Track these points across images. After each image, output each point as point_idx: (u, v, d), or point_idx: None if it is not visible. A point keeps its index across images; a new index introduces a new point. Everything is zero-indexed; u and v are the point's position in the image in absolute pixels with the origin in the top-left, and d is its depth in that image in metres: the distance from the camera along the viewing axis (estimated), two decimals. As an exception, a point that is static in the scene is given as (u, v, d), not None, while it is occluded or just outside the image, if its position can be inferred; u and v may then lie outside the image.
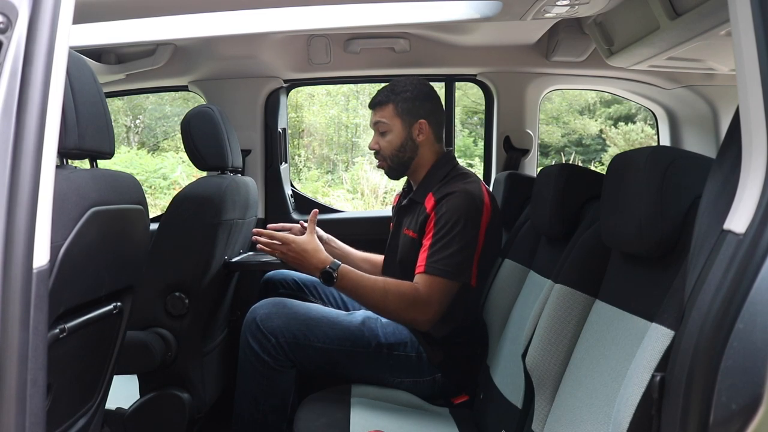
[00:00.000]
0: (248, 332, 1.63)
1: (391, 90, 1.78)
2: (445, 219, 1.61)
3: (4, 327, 0.61)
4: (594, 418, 0.94)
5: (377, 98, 1.80)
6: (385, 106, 1.78)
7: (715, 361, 0.58)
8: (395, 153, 1.79)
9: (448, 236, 1.59)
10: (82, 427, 1.10)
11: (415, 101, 1.76)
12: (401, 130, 1.77)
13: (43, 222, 0.65)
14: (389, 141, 1.78)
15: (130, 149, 8.64)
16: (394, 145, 1.78)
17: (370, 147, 1.84)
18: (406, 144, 1.77)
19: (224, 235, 1.72)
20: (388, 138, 1.78)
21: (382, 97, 1.79)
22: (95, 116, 1.03)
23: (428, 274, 1.58)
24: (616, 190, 1.01)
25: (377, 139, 1.81)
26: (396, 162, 1.80)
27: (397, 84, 1.79)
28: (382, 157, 1.81)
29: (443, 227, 1.61)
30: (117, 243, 1.09)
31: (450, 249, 1.58)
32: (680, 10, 1.45)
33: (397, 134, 1.77)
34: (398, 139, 1.77)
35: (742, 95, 0.64)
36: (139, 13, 1.60)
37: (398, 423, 1.49)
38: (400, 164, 1.80)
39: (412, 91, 1.77)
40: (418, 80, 1.81)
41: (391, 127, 1.77)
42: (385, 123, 1.77)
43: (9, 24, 0.62)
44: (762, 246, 0.58)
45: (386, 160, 1.81)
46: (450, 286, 1.59)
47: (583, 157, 9.30)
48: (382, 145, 1.80)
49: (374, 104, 1.81)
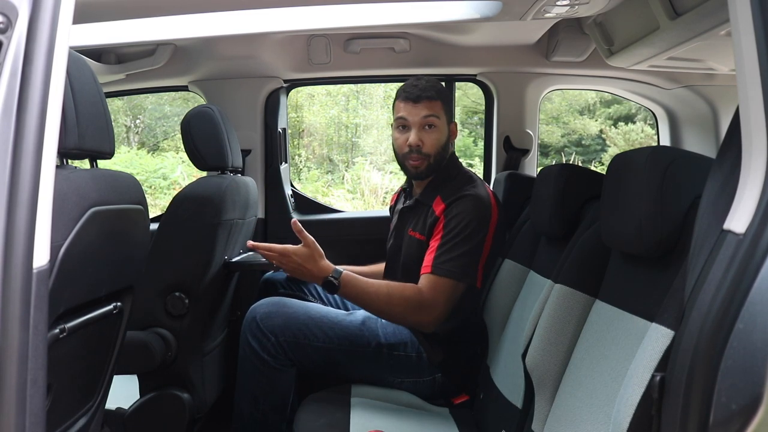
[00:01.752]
0: (248, 331, 1.63)
1: (436, 88, 1.72)
2: (455, 222, 1.61)
3: (4, 327, 0.61)
4: (594, 418, 0.94)
5: (427, 92, 1.70)
6: (434, 102, 1.70)
7: (715, 361, 0.58)
8: (440, 151, 1.72)
9: (456, 238, 1.59)
10: (82, 427, 1.10)
11: (451, 103, 1.79)
12: (446, 129, 1.74)
13: (43, 222, 0.65)
14: (437, 138, 1.71)
15: (130, 149, 8.64)
16: (441, 143, 1.72)
17: (412, 143, 1.70)
18: (446, 143, 1.75)
19: (224, 235, 1.72)
20: (435, 135, 1.71)
21: (433, 93, 1.70)
22: (95, 116, 1.03)
23: (434, 274, 1.58)
24: (616, 190, 1.01)
25: (421, 134, 1.70)
26: (438, 160, 1.73)
27: (436, 83, 1.73)
28: (425, 154, 1.71)
29: (452, 230, 1.60)
30: (117, 243, 1.09)
31: (457, 251, 1.58)
32: (680, 10, 1.45)
33: (443, 132, 1.72)
34: (444, 138, 1.73)
35: (742, 95, 0.64)
36: (139, 13, 1.60)
37: (398, 423, 1.49)
38: (439, 163, 1.74)
39: (448, 93, 1.76)
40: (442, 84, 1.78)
41: (440, 124, 1.71)
42: (437, 117, 1.70)
43: (9, 24, 0.62)
44: (762, 246, 0.58)
45: (429, 158, 1.71)
46: (455, 287, 1.59)
47: (583, 157, 9.30)
48: (427, 141, 1.70)
49: (423, 97, 1.69)
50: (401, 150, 1.74)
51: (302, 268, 1.58)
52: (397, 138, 1.75)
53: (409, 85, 1.73)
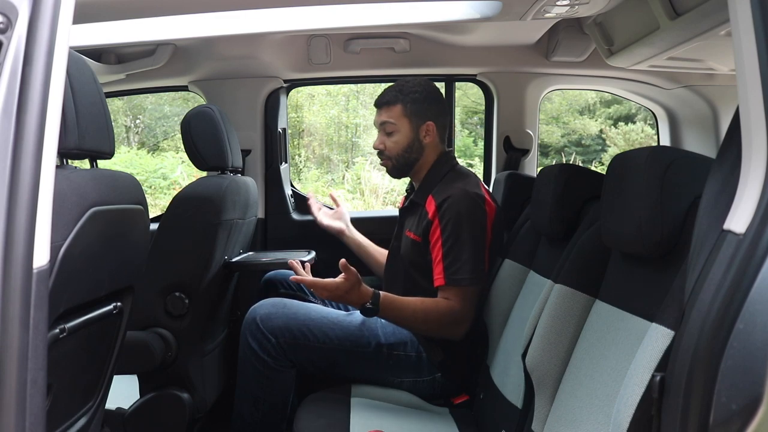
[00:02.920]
0: (248, 332, 1.63)
1: (400, 90, 1.76)
2: (451, 226, 1.61)
3: (4, 327, 0.61)
4: (594, 418, 0.94)
5: (385, 98, 1.78)
6: (393, 107, 1.76)
7: (715, 361, 0.57)
8: (401, 153, 1.77)
9: (457, 243, 1.59)
10: (82, 427, 1.10)
11: (423, 103, 1.75)
12: (409, 131, 1.76)
13: (43, 222, 0.65)
14: (396, 141, 1.77)
15: (130, 149, 8.64)
16: (401, 146, 1.77)
17: (375, 146, 1.82)
18: (412, 145, 1.77)
19: (224, 235, 1.72)
20: (394, 138, 1.77)
21: (390, 97, 1.76)
22: (95, 116, 1.03)
23: (453, 285, 1.59)
24: (616, 190, 1.01)
25: (383, 138, 1.79)
26: (401, 162, 1.79)
27: (405, 84, 1.77)
28: (387, 156, 1.80)
29: (450, 235, 1.60)
30: (117, 243, 1.09)
31: (463, 256, 1.59)
32: (680, 10, 1.45)
33: (404, 135, 1.76)
34: (405, 140, 1.76)
35: (742, 95, 0.64)
36: (139, 13, 1.60)
37: (398, 423, 1.49)
38: (405, 164, 1.79)
39: (420, 92, 1.76)
40: (426, 81, 1.80)
41: (398, 128, 1.76)
42: (393, 123, 1.76)
43: (9, 24, 0.62)
44: (762, 246, 0.58)
45: (391, 159, 1.80)
46: (474, 291, 1.62)
47: (583, 157, 9.30)
48: (387, 145, 1.78)
49: (381, 103, 1.79)
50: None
51: (344, 298, 1.56)
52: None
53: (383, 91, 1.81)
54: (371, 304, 1.55)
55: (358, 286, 1.53)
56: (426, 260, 1.68)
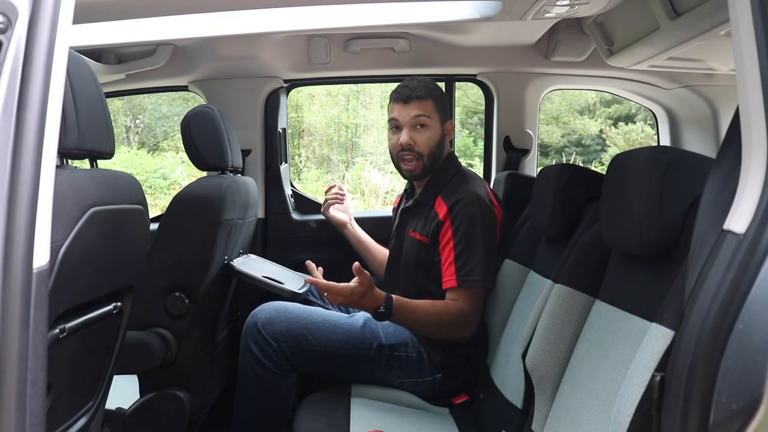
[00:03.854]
0: (249, 337, 1.63)
1: (428, 87, 1.73)
2: (464, 228, 1.61)
3: (4, 327, 0.61)
4: (594, 418, 0.94)
5: (417, 92, 1.71)
6: (425, 101, 1.71)
7: (715, 361, 0.58)
8: (434, 150, 1.72)
9: (470, 245, 1.59)
10: (82, 427, 1.10)
11: (445, 101, 1.77)
12: (439, 128, 1.74)
13: (43, 222, 0.65)
14: (429, 137, 1.71)
15: (130, 149, 8.64)
16: (434, 142, 1.72)
17: (403, 142, 1.71)
18: (441, 142, 1.75)
19: (224, 235, 1.72)
20: (427, 134, 1.71)
21: (423, 92, 1.71)
22: (95, 116, 1.03)
23: (465, 287, 1.59)
24: (616, 190, 1.01)
25: (412, 134, 1.71)
26: (432, 160, 1.73)
27: (428, 82, 1.75)
28: (418, 153, 1.71)
29: (463, 236, 1.60)
30: (117, 243, 1.09)
31: (476, 258, 1.59)
32: (680, 10, 1.45)
33: (436, 131, 1.73)
34: (437, 136, 1.73)
35: (742, 95, 0.64)
36: (139, 13, 1.60)
37: (398, 423, 1.49)
38: (434, 162, 1.74)
39: (442, 91, 1.77)
40: (437, 84, 1.80)
41: (431, 123, 1.72)
42: (428, 117, 1.71)
43: (9, 24, 0.62)
44: (762, 246, 0.58)
45: (423, 157, 1.72)
46: (483, 293, 1.63)
47: (583, 157, 9.30)
48: (418, 140, 1.71)
49: (413, 97, 1.71)
50: (395, 150, 1.76)
51: (358, 303, 1.53)
52: (391, 139, 1.78)
53: (400, 86, 1.75)
54: (385, 307, 1.52)
55: (372, 290, 1.50)
56: (433, 261, 1.68)
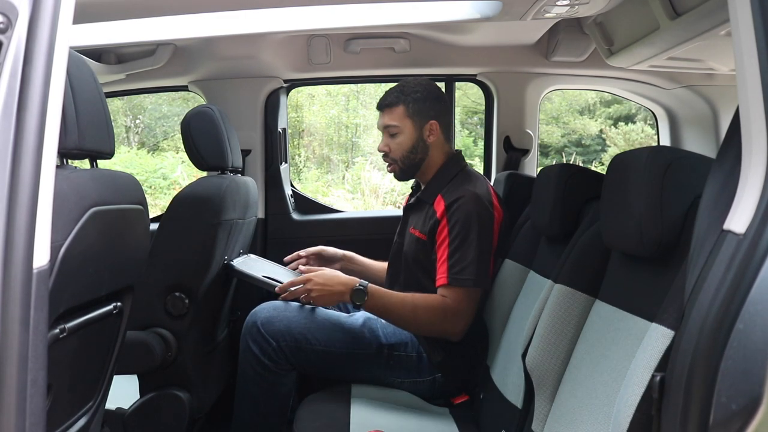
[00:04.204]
0: (249, 336, 1.63)
1: (401, 91, 1.76)
2: (459, 226, 1.60)
3: (4, 327, 0.61)
4: (594, 418, 0.94)
5: (387, 100, 1.77)
6: (395, 108, 1.75)
7: (715, 361, 0.57)
8: (406, 155, 1.76)
9: (464, 244, 1.59)
10: (82, 427, 1.10)
11: (425, 102, 1.75)
12: (412, 132, 1.75)
13: (43, 222, 0.65)
14: (400, 143, 1.76)
15: (130, 149, 8.64)
16: (405, 147, 1.76)
17: (379, 149, 1.81)
18: (417, 145, 1.76)
19: (224, 235, 1.72)
20: (398, 140, 1.76)
21: (392, 99, 1.75)
22: (95, 116, 1.03)
23: (455, 285, 1.58)
24: (616, 190, 1.01)
25: (387, 141, 1.78)
26: (407, 164, 1.78)
27: (406, 85, 1.77)
28: (392, 159, 1.78)
29: (458, 235, 1.60)
30: (117, 243, 1.09)
31: (469, 257, 1.58)
32: (680, 10, 1.45)
33: (408, 136, 1.75)
34: (409, 141, 1.75)
35: (742, 95, 0.64)
36: (139, 13, 1.60)
37: (398, 423, 1.49)
38: (411, 166, 1.78)
39: (422, 92, 1.75)
40: (427, 81, 1.80)
41: (402, 129, 1.75)
42: (396, 126, 1.75)
43: (9, 24, 0.62)
44: (762, 246, 0.58)
45: (397, 162, 1.78)
46: (475, 293, 1.61)
47: (583, 157, 9.30)
48: (392, 147, 1.77)
49: (383, 106, 1.78)
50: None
51: (327, 286, 1.58)
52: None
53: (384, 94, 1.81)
54: (360, 286, 1.57)
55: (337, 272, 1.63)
56: (430, 259, 1.68)
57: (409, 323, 1.61)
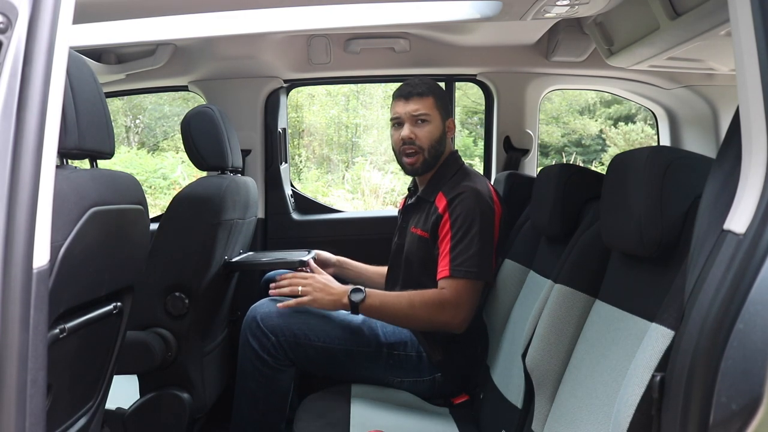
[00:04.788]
0: (248, 331, 1.63)
1: (428, 84, 1.78)
2: (461, 220, 1.61)
3: (4, 327, 0.61)
4: (594, 418, 0.94)
5: (418, 89, 1.76)
6: (425, 98, 1.75)
7: (715, 361, 0.58)
8: (434, 144, 1.76)
9: (467, 237, 1.59)
10: (82, 427, 1.10)
11: (446, 99, 1.80)
12: (440, 124, 1.77)
13: (43, 222, 0.65)
14: (429, 131, 1.75)
15: (130, 149, 8.64)
16: (434, 137, 1.76)
17: (404, 136, 1.74)
18: (442, 138, 1.78)
19: (224, 235, 1.72)
20: (428, 128, 1.75)
21: (424, 89, 1.76)
22: (95, 116, 1.03)
23: (455, 277, 1.58)
24: (616, 190, 1.01)
25: (413, 128, 1.75)
26: (433, 154, 1.76)
27: (426, 80, 1.80)
28: (419, 147, 1.75)
29: (460, 229, 1.60)
30: (117, 243, 1.09)
31: (471, 249, 1.58)
32: (680, 10, 1.45)
33: (436, 126, 1.76)
34: (438, 132, 1.76)
35: (742, 95, 0.64)
36: (139, 13, 1.60)
37: (398, 423, 1.49)
38: (435, 157, 1.77)
39: (442, 89, 1.81)
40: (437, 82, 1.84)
41: (432, 118, 1.75)
42: (427, 113, 1.74)
43: (9, 24, 0.62)
44: (762, 246, 0.58)
45: (423, 151, 1.75)
46: (476, 286, 1.60)
47: (583, 157, 9.30)
48: (420, 134, 1.74)
49: (413, 94, 1.75)
50: (397, 146, 1.79)
51: (326, 286, 1.63)
52: (393, 135, 1.81)
53: (402, 85, 1.80)
54: (357, 288, 1.60)
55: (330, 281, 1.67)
56: (432, 256, 1.68)
57: (409, 319, 1.61)
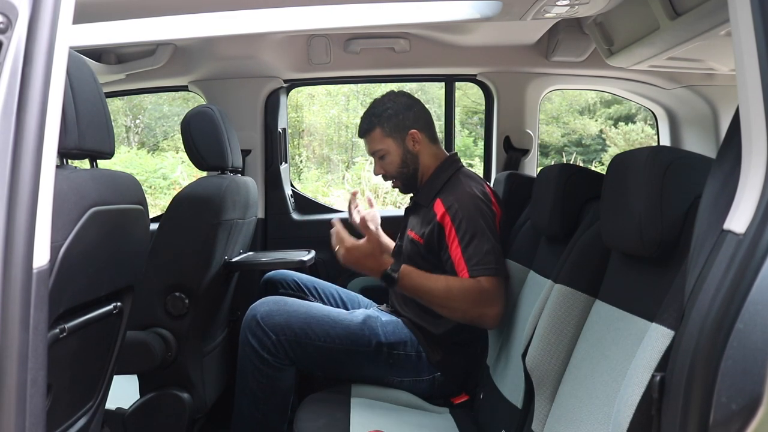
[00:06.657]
0: (248, 330, 1.63)
1: (372, 114, 1.80)
2: (466, 223, 1.60)
3: (4, 327, 0.61)
4: (594, 418, 0.94)
5: (363, 126, 1.83)
6: (372, 133, 1.80)
7: (715, 361, 0.57)
8: (399, 170, 1.81)
9: (475, 238, 1.58)
10: (82, 427, 1.10)
11: (397, 116, 1.78)
12: (396, 148, 1.79)
13: (43, 222, 0.65)
14: (390, 162, 1.80)
15: (130, 149, 8.64)
16: (396, 164, 1.80)
17: (375, 173, 1.86)
18: (406, 159, 1.79)
19: (224, 235, 1.72)
20: (388, 160, 1.80)
21: (367, 125, 1.81)
22: (95, 116, 1.03)
23: (478, 276, 1.55)
24: (616, 190, 1.01)
25: (379, 164, 1.83)
26: (406, 175, 1.81)
27: (376, 106, 1.81)
28: (391, 177, 1.84)
29: (467, 231, 1.59)
30: (117, 243, 1.09)
31: (484, 248, 1.57)
32: (680, 10, 1.45)
33: (394, 153, 1.79)
34: (398, 158, 1.79)
35: (742, 95, 0.64)
36: (139, 13, 1.60)
37: (398, 423, 1.49)
38: (409, 178, 1.82)
39: (391, 107, 1.79)
40: (394, 93, 1.84)
41: (387, 150, 1.79)
42: (380, 149, 1.80)
43: (9, 24, 0.62)
44: (762, 246, 0.58)
45: (396, 179, 1.83)
46: (500, 281, 1.57)
47: (583, 157, 9.29)
48: (385, 167, 1.82)
49: (362, 133, 1.84)
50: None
51: (360, 262, 1.62)
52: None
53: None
54: (392, 270, 1.59)
55: (380, 253, 1.61)
56: (424, 260, 1.67)
57: (444, 304, 1.57)
